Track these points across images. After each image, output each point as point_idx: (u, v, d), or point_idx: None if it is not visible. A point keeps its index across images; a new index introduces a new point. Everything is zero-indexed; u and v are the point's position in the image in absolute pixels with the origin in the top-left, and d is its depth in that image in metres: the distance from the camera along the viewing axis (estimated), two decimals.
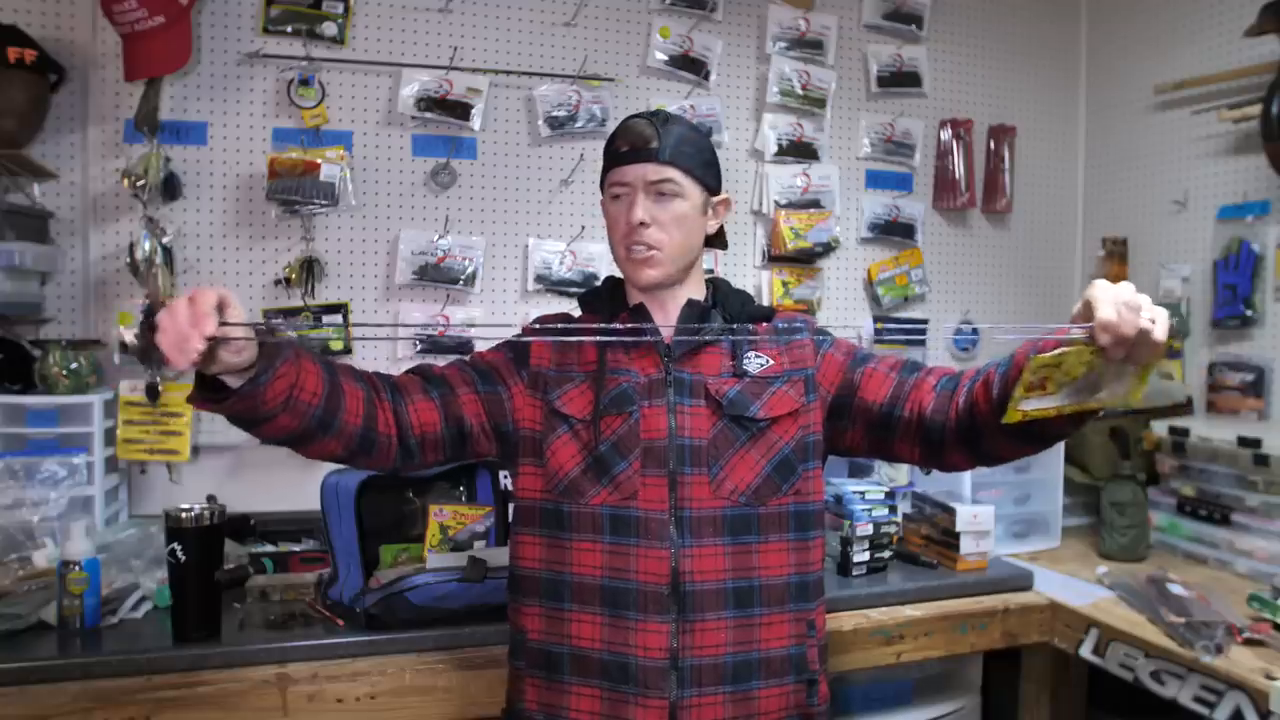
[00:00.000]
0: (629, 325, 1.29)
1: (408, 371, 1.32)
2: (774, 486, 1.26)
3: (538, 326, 1.36)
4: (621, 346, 1.30)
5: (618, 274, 1.42)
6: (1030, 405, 1.05)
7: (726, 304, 1.36)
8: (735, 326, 1.33)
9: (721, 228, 1.40)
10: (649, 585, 1.22)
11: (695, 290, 1.36)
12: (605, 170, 1.33)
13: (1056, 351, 1.01)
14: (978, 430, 1.20)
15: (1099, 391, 1.04)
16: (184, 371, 1.07)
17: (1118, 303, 0.99)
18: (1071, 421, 1.13)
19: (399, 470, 1.35)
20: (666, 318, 1.33)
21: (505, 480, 1.91)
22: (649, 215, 1.27)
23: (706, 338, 1.31)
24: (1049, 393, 1.04)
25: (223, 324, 1.02)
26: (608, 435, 1.26)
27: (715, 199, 1.36)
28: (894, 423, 1.28)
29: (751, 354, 1.31)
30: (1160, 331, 1.00)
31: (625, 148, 1.29)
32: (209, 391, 1.10)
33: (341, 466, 1.79)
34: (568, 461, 1.27)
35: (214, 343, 1.01)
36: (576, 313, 1.43)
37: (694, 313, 1.32)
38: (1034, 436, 1.18)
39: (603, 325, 1.27)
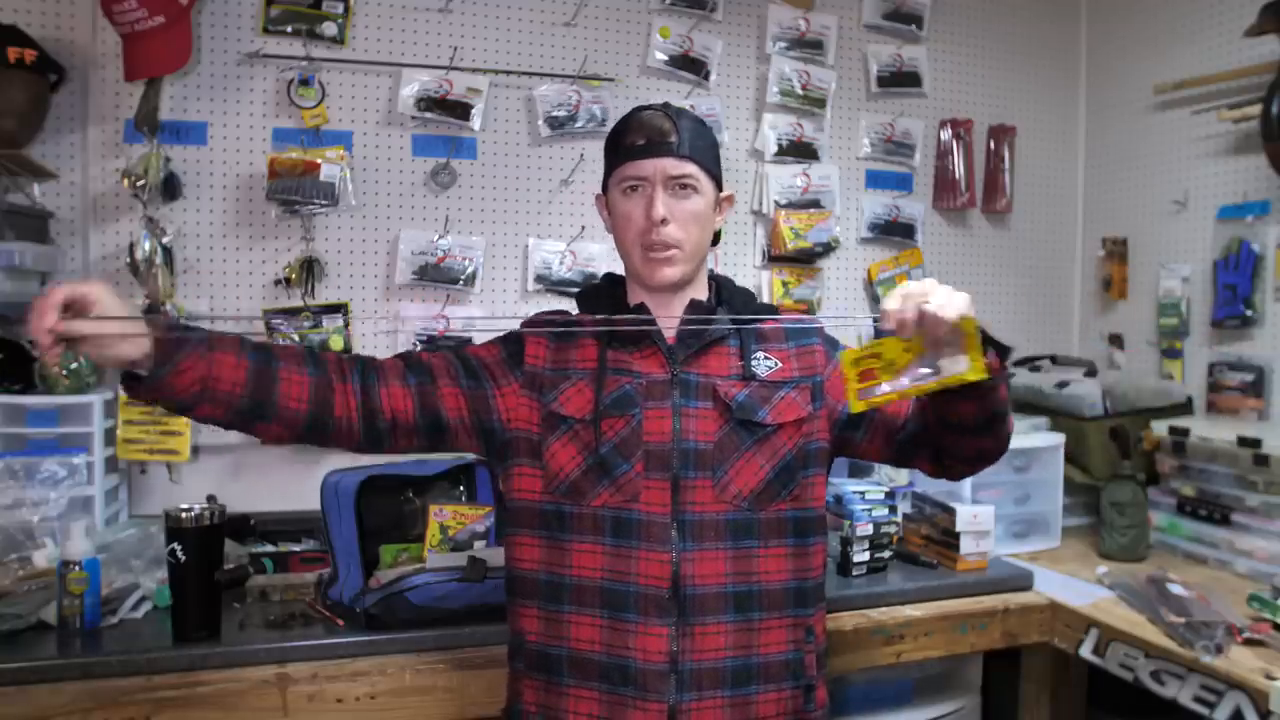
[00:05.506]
0: (633, 321, 1.26)
1: (394, 356, 1.31)
2: (774, 492, 1.26)
3: (530, 331, 1.32)
4: (624, 346, 1.28)
5: (616, 272, 1.41)
6: (871, 395, 1.15)
7: (732, 303, 1.34)
8: (743, 334, 1.31)
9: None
10: (650, 588, 1.21)
11: (699, 289, 1.34)
12: (615, 164, 1.29)
13: (863, 346, 1.16)
14: (930, 441, 1.27)
15: (940, 373, 1.12)
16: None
17: (900, 294, 1.08)
18: (964, 402, 1.16)
19: (366, 451, 1.30)
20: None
21: None
22: (669, 211, 1.25)
23: (712, 337, 1.29)
24: (881, 381, 1.13)
25: (88, 318, 1.03)
26: (609, 437, 1.24)
27: (721, 195, 1.34)
28: (917, 439, 1.29)
29: (760, 355, 1.30)
30: (949, 309, 1.05)
31: (641, 140, 1.25)
32: (131, 381, 1.13)
33: (342, 465, 1.81)
34: (568, 463, 1.25)
35: (67, 336, 1.03)
36: (574, 311, 1.40)
37: (698, 313, 1.30)
38: (955, 427, 1.21)
39: (605, 317, 1.24)
